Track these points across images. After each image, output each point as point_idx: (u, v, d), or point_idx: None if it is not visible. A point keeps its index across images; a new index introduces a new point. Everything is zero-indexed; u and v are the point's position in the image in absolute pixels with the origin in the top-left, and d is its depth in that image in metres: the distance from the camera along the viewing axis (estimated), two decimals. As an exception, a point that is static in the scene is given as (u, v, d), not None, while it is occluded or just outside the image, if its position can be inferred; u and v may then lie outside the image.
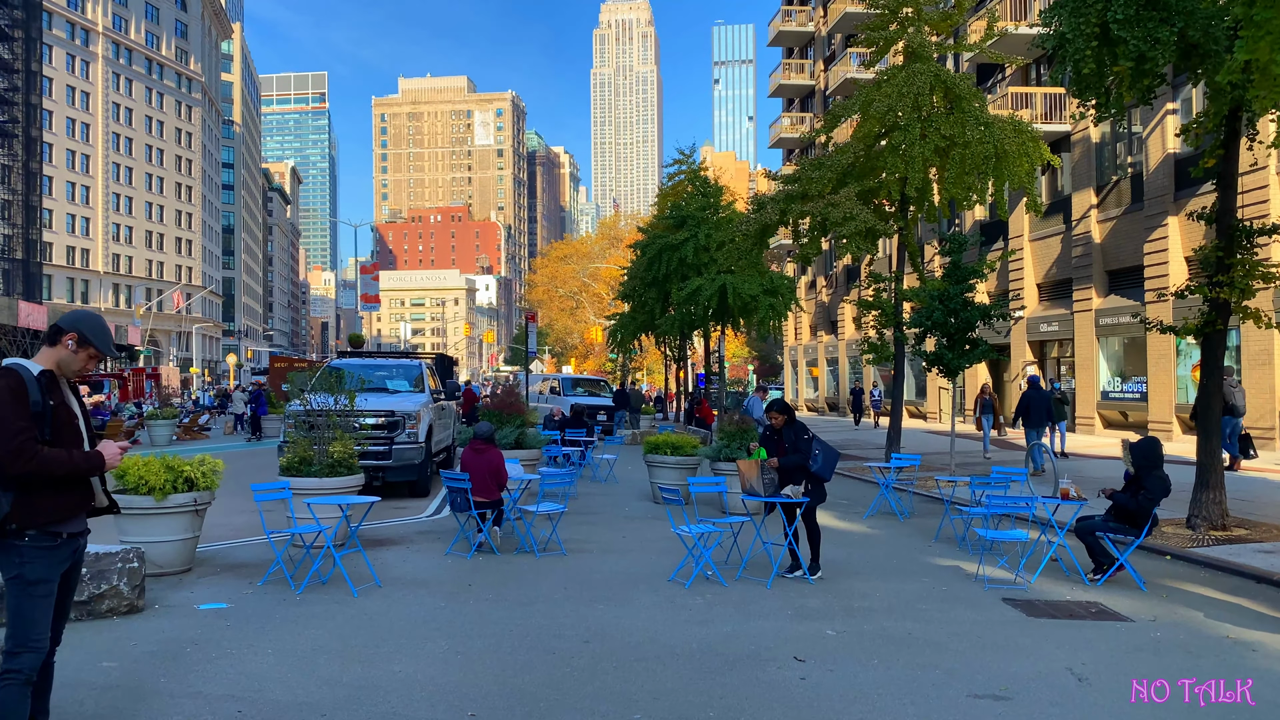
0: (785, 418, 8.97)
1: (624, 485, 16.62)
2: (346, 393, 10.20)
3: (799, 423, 9.02)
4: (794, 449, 8.77)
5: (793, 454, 8.77)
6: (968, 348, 17.91)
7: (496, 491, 9.91)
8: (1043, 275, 31.68)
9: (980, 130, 19.08)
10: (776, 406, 9.06)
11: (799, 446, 8.73)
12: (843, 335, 47.57)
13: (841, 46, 46.03)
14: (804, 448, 8.70)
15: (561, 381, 33.22)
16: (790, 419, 8.99)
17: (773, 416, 9.02)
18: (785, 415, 8.99)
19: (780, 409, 9.03)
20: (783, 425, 8.94)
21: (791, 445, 8.78)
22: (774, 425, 9.00)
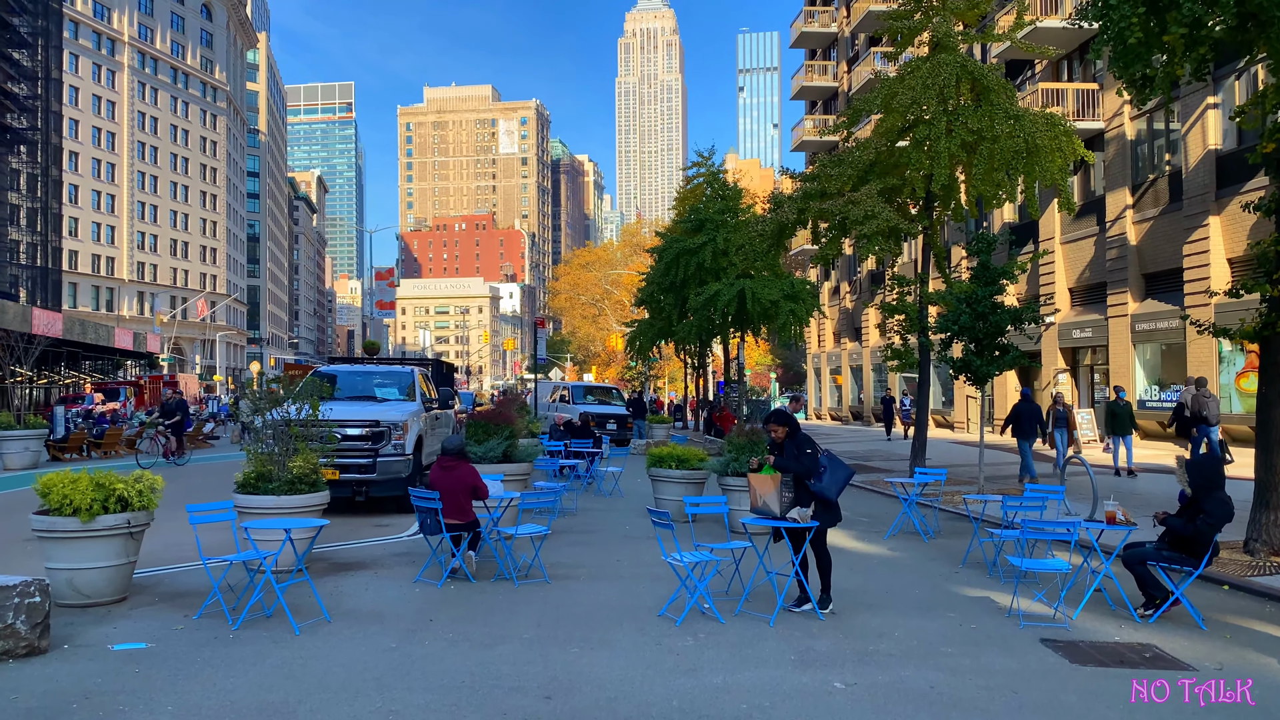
0: (786, 430, 8.02)
1: (628, 500, 15.63)
2: (310, 401, 9.26)
3: (803, 435, 8.05)
4: (805, 447, 7.94)
5: (805, 459, 7.95)
6: (997, 353, 16.78)
7: (471, 511, 8.96)
8: (1075, 279, 30.38)
9: (1010, 124, 17.99)
10: (775, 418, 8.09)
11: (802, 461, 7.80)
12: (867, 342, 46.31)
13: (865, 46, 44.91)
14: (808, 463, 7.76)
15: (572, 390, 32.25)
16: (793, 431, 8.05)
17: (772, 429, 8.07)
18: (786, 427, 8.03)
19: (780, 420, 8.07)
20: (784, 439, 8.02)
21: (794, 460, 7.86)
22: (774, 439, 8.08)
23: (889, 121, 18.92)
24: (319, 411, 9.68)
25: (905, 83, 18.61)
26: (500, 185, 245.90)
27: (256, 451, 8.98)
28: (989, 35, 19.77)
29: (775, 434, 8.05)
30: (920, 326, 19.17)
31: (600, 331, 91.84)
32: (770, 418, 8.16)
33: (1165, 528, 7.90)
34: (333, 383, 15.31)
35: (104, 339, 45.64)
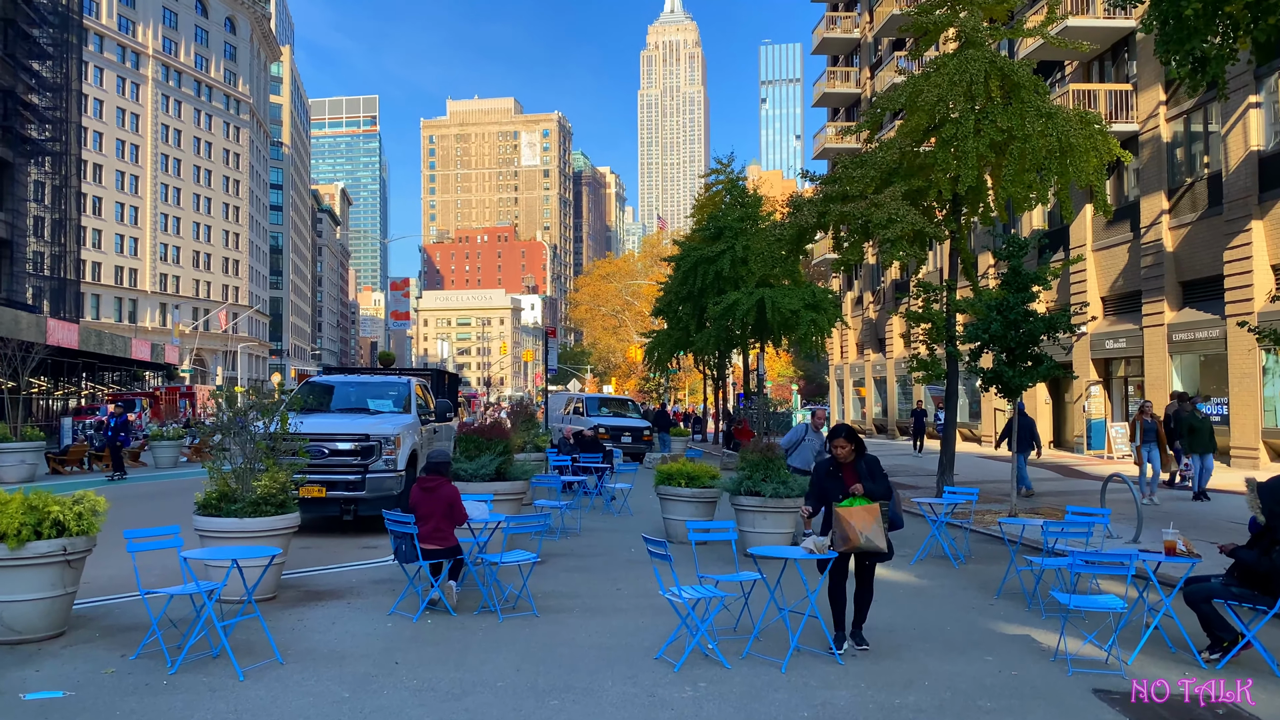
0: (854, 447, 7.09)
1: (637, 519, 14.74)
2: (280, 414, 8.48)
3: (871, 455, 7.22)
4: (874, 469, 7.10)
5: (878, 475, 7.10)
6: (1030, 364, 15.79)
7: (452, 536, 8.13)
8: (1108, 287, 29.24)
9: (1041, 122, 17.02)
10: (844, 434, 7.11)
11: (880, 484, 6.98)
12: (891, 353, 45.24)
13: (888, 51, 43.99)
14: (885, 485, 6.99)
15: (586, 401, 31.40)
16: (861, 448, 7.14)
17: (838, 446, 7.09)
18: (853, 445, 7.10)
19: (848, 436, 7.11)
20: (853, 457, 7.08)
21: (871, 479, 6.98)
22: (838, 458, 7.10)
23: (914, 121, 18.00)
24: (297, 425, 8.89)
25: (931, 80, 17.69)
26: (522, 197, 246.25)
27: (218, 469, 8.19)
28: (1018, 30, 18.81)
29: (840, 451, 7.08)
30: (948, 336, 18.21)
31: (620, 343, 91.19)
32: (836, 433, 7.21)
33: (1234, 560, 6.95)
34: (328, 393, 14.60)
35: (121, 350, 45.41)
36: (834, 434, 7.17)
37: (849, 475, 7.03)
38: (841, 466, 7.07)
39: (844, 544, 6.68)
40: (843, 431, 7.13)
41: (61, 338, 37.56)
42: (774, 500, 11.06)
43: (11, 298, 42.47)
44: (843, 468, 7.06)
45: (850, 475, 7.03)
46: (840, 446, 7.05)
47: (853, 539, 6.68)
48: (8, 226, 42.92)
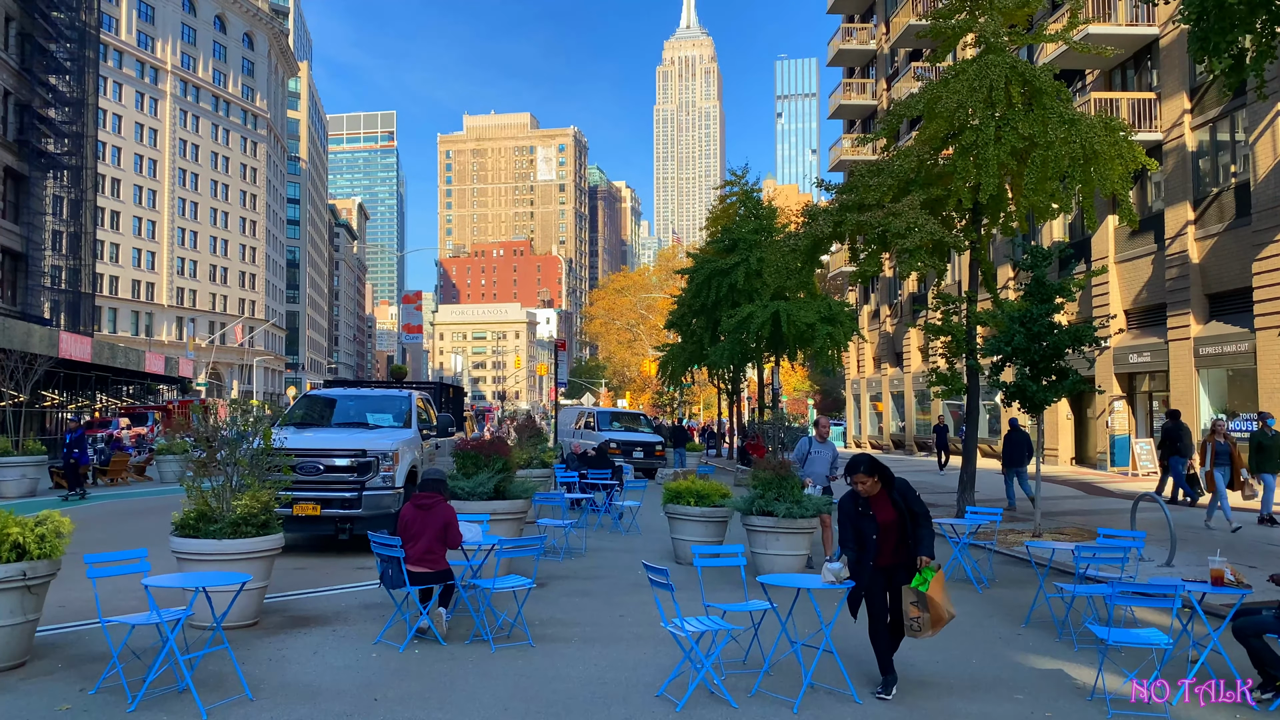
0: (876, 479, 6.26)
1: (646, 538, 14.22)
2: (263, 429, 8.04)
3: (900, 478, 6.46)
4: (918, 517, 6.30)
5: (921, 517, 6.30)
6: (1054, 378, 15.22)
7: (444, 559, 7.65)
8: (1131, 300, 28.56)
9: (1064, 129, 16.49)
10: (865, 466, 6.24)
11: (915, 502, 6.34)
12: (908, 368, 44.57)
13: (905, 62, 43.54)
14: (925, 509, 6.39)
15: (597, 416, 30.90)
16: (888, 478, 6.33)
17: (859, 482, 6.24)
18: (877, 476, 6.27)
19: (869, 468, 6.25)
20: (879, 488, 6.30)
21: (909, 511, 6.26)
22: (863, 493, 6.29)
23: (932, 128, 17.51)
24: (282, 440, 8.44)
25: (950, 86, 17.20)
26: (538, 212, 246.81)
27: (196, 487, 7.75)
28: (1040, 35, 18.30)
29: (863, 487, 6.23)
30: (968, 349, 17.65)
31: (635, 356, 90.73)
32: (855, 467, 6.27)
33: (1287, 592, 6.38)
34: (327, 407, 14.19)
35: (135, 363, 45.30)
36: (853, 467, 6.32)
37: (881, 507, 6.26)
38: (870, 501, 6.32)
39: (933, 627, 5.94)
40: (863, 464, 6.22)
41: (74, 351, 37.43)
42: (787, 521, 10.54)
43: (26, 311, 42.46)
44: (871, 501, 6.31)
45: (883, 508, 6.25)
46: (861, 482, 6.25)
47: (943, 617, 5.92)
48: (23, 240, 42.97)
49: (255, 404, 48.86)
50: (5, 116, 41.42)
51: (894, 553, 6.26)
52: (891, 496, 6.25)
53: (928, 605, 5.80)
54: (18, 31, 42.31)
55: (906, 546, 6.22)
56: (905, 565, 6.21)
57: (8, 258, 42.08)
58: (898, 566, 6.24)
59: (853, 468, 6.34)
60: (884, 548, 6.24)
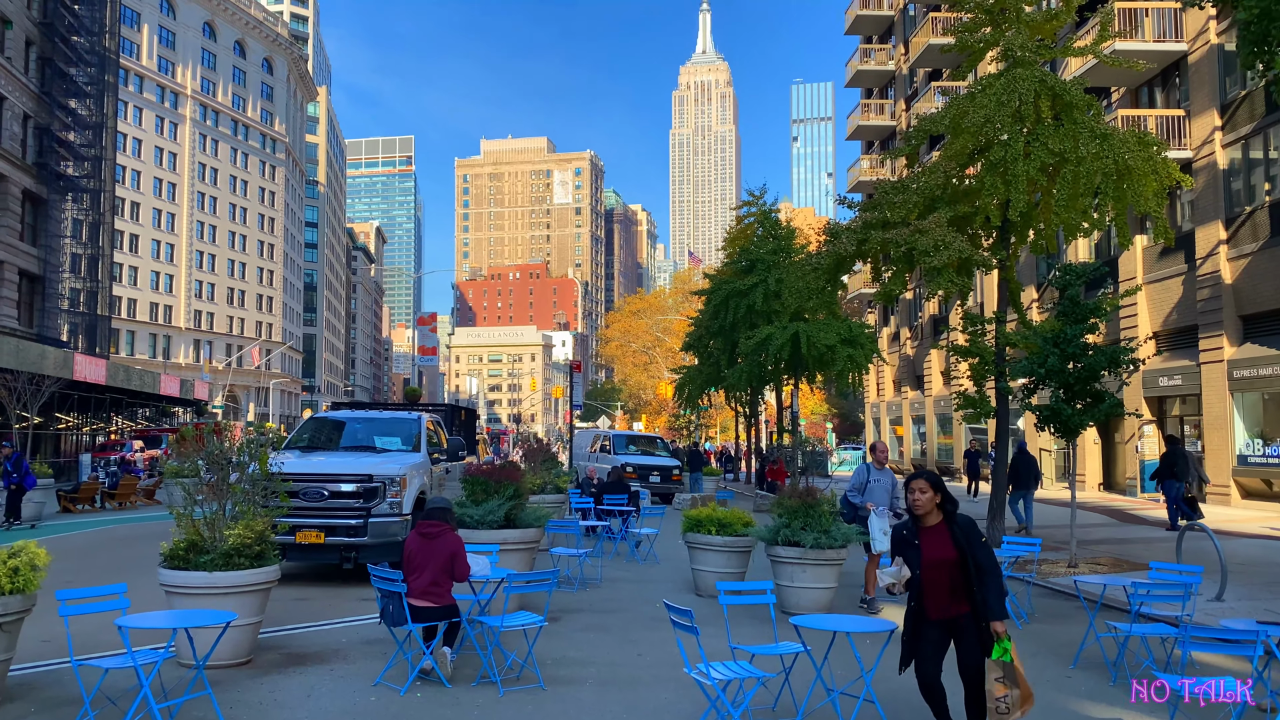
0: (935, 495, 5.28)
1: (664, 568, 13.64)
2: (256, 452, 7.57)
3: (966, 517, 5.44)
4: (984, 571, 5.15)
5: (988, 571, 5.13)
6: (1089, 401, 14.61)
7: (450, 594, 7.12)
8: (1160, 322, 27.86)
9: (1096, 144, 15.96)
10: (927, 476, 5.37)
11: (982, 550, 5.22)
12: (929, 391, 43.84)
13: (925, 82, 43.14)
14: (998, 571, 5.27)
15: (613, 439, 30.32)
16: (953, 512, 5.34)
17: (917, 490, 5.26)
18: (939, 492, 5.31)
19: (933, 481, 5.34)
20: (939, 517, 5.30)
21: (972, 558, 5.14)
22: (917, 511, 5.28)
23: (958, 144, 17.01)
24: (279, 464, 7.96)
25: (976, 101, 16.72)
26: (554, 235, 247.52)
27: (187, 515, 7.27)
28: (1069, 50, 17.81)
29: (917, 498, 5.24)
30: (998, 371, 17.05)
31: (651, 379, 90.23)
32: (917, 474, 5.41)
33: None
34: (334, 430, 13.74)
35: (150, 386, 45.20)
36: (914, 476, 5.40)
37: (933, 540, 5.16)
38: (921, 530, 5.23)
39: (1022, 706, 4.92)
40: (926, 475, 5.34)
41: (89, 373, 37.29)
42: (815, 551, 9.96)
43: (43, 333, 42.41)
44: (922, 532, 5.22)
45: (936, 542, 5.16)
46: (918, 490, 5.24)
47: (1030, 692, 5.00)
48: (40, 262, 43.01)
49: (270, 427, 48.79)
50: (25, 139, 41.57)
51: (948, 602, 5.14)
52: (951, 531, 5.22)
53: (1016, 680, 4.94)
54: (38, 56, 42.56)
55: (967, 598, 5.11)
56: (964, 624, 5.10)
57: (25, 280, 42.09)
58: (955, 624, 5.17)
59: (913, 477, 5.41)
60: (933, 591, 5.15)
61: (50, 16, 42.90)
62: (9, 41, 39.53)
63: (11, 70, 39.37)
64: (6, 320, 39.62)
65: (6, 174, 39.33)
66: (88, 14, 46.02)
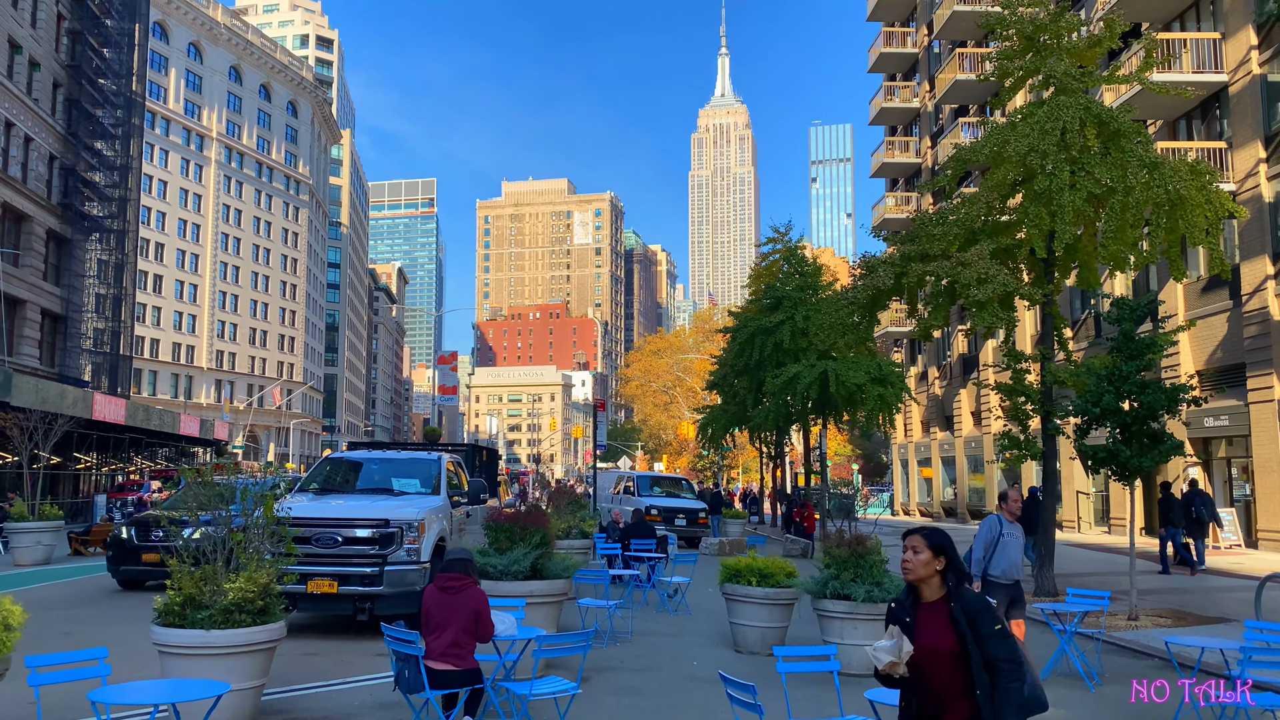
0: (933, 555, 3.98)
1: (698, 619, 12.81)
2: (261, 496, 6.92)
3: (977, 596, 4.02)
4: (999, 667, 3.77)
5: (1002, 670, 3.75)
6: (1146, 442, 13.76)
7: (473, 655, 6.39)
8: (1204, 360, 26.90)
9: (1145, 173, 15.29)
10: (924, 532, 4.05)
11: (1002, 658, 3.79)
12: (959, 432, 42.78)
13: (951, 119, 42.69)
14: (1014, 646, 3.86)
15: (637, 480, 29.52)
16: (959, 582, 3.99)
17: (911, 549, 4.00)
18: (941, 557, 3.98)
19: (933, 540, 4.01)
20: (942, 589, 3.97)
21: (977, 637, 3.80)
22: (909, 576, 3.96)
23: (1000, 174, 16.38)
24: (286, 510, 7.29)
25: (1018, 130, 16.12)
26: (574, 275, 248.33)
27: (183, 567, 6.60)
28: (1113, 77, 17.21)
29: (910, 559, 3.96)
30: (1044, 411, 16.24)
31: (671, 419, 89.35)
32: (911, 530, 4.07)
33: None
34: (350, 471, 13.09)
35: (169, 425, 44.87)
36: (908, 533, 4.09)
37: (930, 625, 3.85)
38: (919, 605, 3.95)
39: None
40: (922, 530, 4.06)
41: (108, 412, 36.97)
42: (867, 606, 9.16)
43: (64, 372, 42.26)
44: (920, 608, 3.93)
45: (931, 623, 3.85)
46: (914, 549, 3.97)
47: None
48: (63, 302, 43.00)
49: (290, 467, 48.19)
50: (50, 180, 41.74)
51: (944, 706, 3.80)
52: (950, 609, 3.85)
53: None
54: (65, 97, 42.90)
55: (968, 703, 3.75)
56: None
57: (47, 320, 42.04)
58: None
59: (910, 532, 4.08)
60: (925, 690, 3.83)
61: (78, 59, 43.31)
62: (36, 83, 39.84)
63: (38, 111, 39.63)
64: (28, 359, 39.49)
65: (31, 214, 39.43)
66: (115, 57, 46.48)
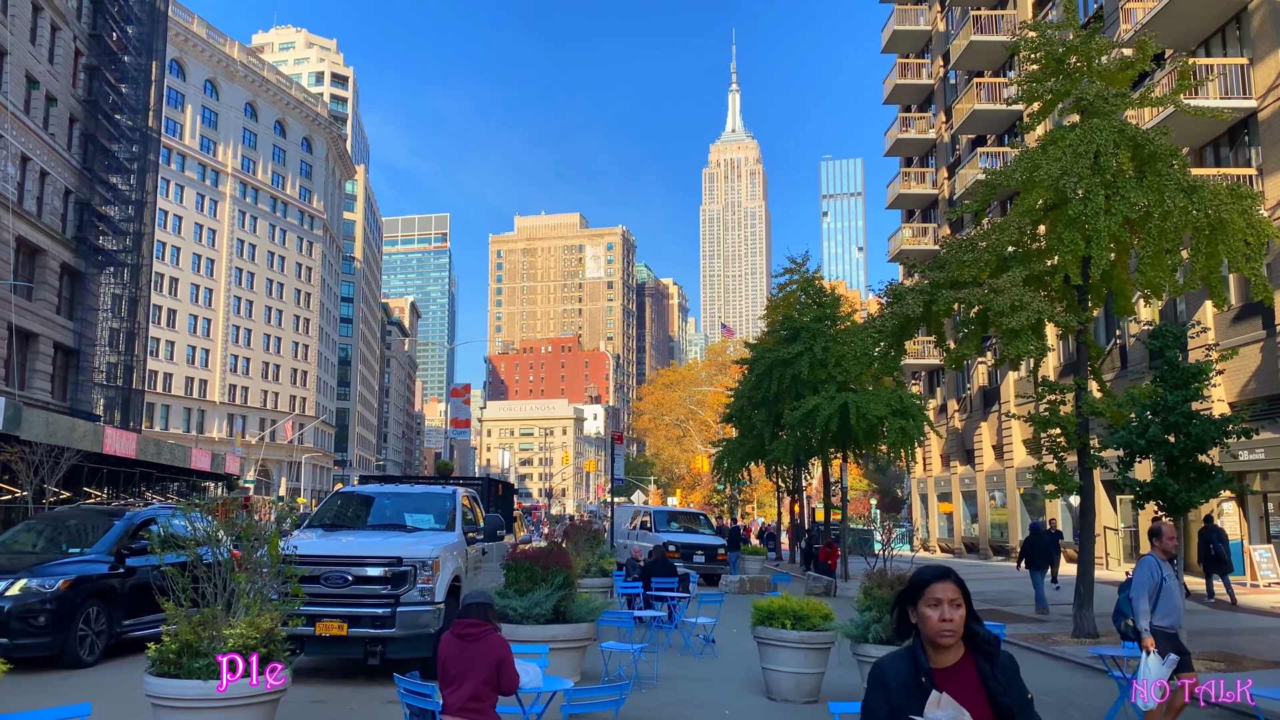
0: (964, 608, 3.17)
1: (725, 663, 12.16)
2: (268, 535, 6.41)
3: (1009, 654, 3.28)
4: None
5: None
6: (1194, 476, 13.14)
7: (494, 710, 5.83)
8: (1238, 391, 26.19)
9: (1182, 197, 14.80)
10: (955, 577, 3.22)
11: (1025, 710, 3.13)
12: (981, 465, 41.98)
13: (968, 149, 42.36)
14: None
15: (654, 515, 28.81)
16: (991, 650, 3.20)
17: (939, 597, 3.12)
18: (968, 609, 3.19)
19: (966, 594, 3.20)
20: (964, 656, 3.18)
21: (1014, 707, 3.10)
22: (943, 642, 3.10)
23: (1031, 198, 15.92)
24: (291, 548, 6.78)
25: (1049, 154, 15.68)
26: (586, 308, 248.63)
27: (179, 611, 6.08)
28: (1146, 99, 16.78)
29: (949, 620, 3.10)
30: (1082, 444, 15.62)
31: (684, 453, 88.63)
32: (941, 573, 3.19)
33: None
34: (362, 506, 12.57)
35: (180, 460, 44.48)
36: (932, 574, 3.22)
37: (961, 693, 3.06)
38: (942, 663, 3.12)
39: None
40: (953, 575, 3.20)
41: (118, 446, 36.61)
42: (912, 651, 8.53)
43: (76, 406, 42.00)
44: (939, 672, 3.11)
45: (965, 694, 3.06)
46: (953, 602, 3.11)
47: None
48: (76, 335, 42.83)
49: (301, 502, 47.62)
50: (65, 214, 41.76)
51: None
52: (981, 674, 3.12)
53: None
54: (81, 132, 43.04)
55: None
56: None
57: (60, 353, 41.84)
58: None
59: (933, 576, 3.19)
60: None
61: (95, 95, 43.50)
62: (53, 118, 39.97)
63: (54, 146, 39.72)
64: (39, 393, 39.23)
65: (46, 248, 39.38)
66: (132, 93, 46.73)
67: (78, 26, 42.50)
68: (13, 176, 36.75)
